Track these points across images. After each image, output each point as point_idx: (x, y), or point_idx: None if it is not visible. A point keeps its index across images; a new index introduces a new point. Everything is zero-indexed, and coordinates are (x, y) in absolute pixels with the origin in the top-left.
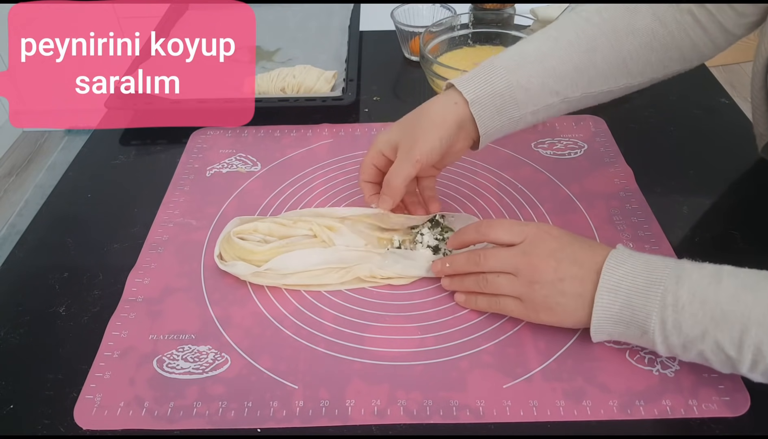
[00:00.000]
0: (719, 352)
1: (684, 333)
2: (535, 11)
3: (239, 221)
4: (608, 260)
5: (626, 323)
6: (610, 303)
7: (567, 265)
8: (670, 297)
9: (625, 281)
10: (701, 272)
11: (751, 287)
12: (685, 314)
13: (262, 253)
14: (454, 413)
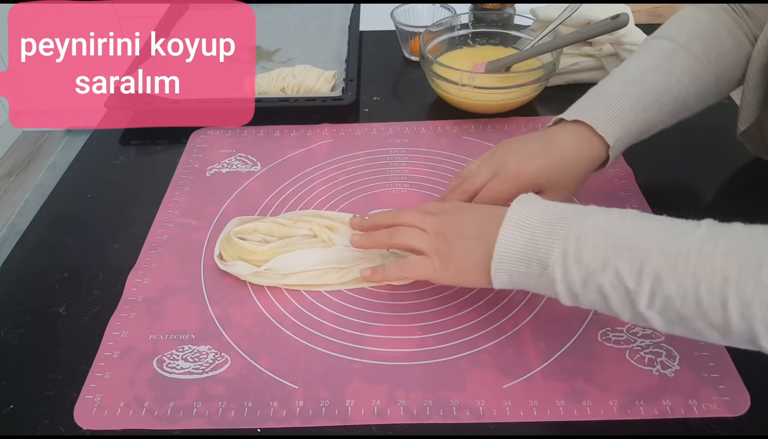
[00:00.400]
0: (618, 284)
1: (584, 265)
2: (535, 11)
3: (239, 221)
4: (517, 199)
5: (527, 260)
6: (514, 237)
7: (469, 213)
8: (574, 229)
9: (531, 217)
10: (606, 212)
11: (654, 221)
12: (587, 244)
13: (261, 253)
14: (454, 413)
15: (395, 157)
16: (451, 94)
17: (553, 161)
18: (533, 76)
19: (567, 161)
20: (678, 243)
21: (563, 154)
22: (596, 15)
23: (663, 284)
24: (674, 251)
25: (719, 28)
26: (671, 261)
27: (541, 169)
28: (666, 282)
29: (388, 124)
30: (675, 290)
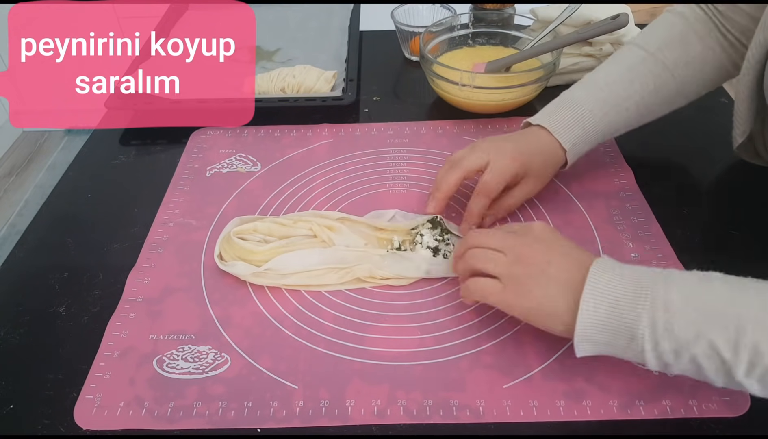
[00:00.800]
0: (714, 355)
1: (676, 336)
2: (535, 11)
3: (239, 221)
4: (594, 264)
5: (613, 331)
6: (596, 307)
7: (557, 253)
8: (660, 300)
9: (611, 285)
10: (691, 275)
11: (743, 288)
12: (677, 315)
13: (261, 253)
14: (454, 413)
15: (395, 157)
16: (451, 94)
17: (531, 155)
18: (533, 76)
19: (540, 156)
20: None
21: (535, 150)
22: (596, 15)
23: (763, 355)
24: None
25: (689, 35)
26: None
27: (527, 158)
28: (766, 354)
29: (388, 124)
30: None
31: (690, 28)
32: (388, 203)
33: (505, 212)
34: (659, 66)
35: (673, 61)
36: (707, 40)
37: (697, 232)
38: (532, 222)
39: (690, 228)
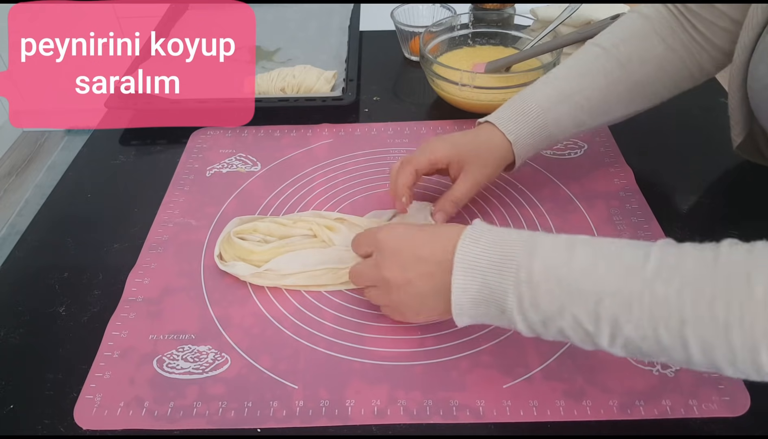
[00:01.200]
0: (578, 327)
1: (542, 309)
2: (535, 11)
3: (239, 221)
4: (462, 239)
5: (486, 303)
6: (468, 283)
7: (412, 265)
8: (524, 272)
9: (480, 259)
10: (554, 244)
11: (605, 256)
12: (540, 289)
13: (261, 253)
14: (454, 413)
15: (395, 157)
16: (451, 94)
17: (469, 144)
18: (533, 76)
19: (479, 147)
20: (630, 282)
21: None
22: (596, 15)
23: (621, 326)
24: (627, 292)
25: (649, 34)
26: (626, 303)
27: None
28: (624, 325)
29: (388, 124)
30: (634, 331)
31: (651, 27)
32: (388, 203)
33: (452, 206)
34: (612, 62)
35: (627, 58)
36: (669, 41)
37: (697, 232)
38: (377, 231)
39: (690, 228)
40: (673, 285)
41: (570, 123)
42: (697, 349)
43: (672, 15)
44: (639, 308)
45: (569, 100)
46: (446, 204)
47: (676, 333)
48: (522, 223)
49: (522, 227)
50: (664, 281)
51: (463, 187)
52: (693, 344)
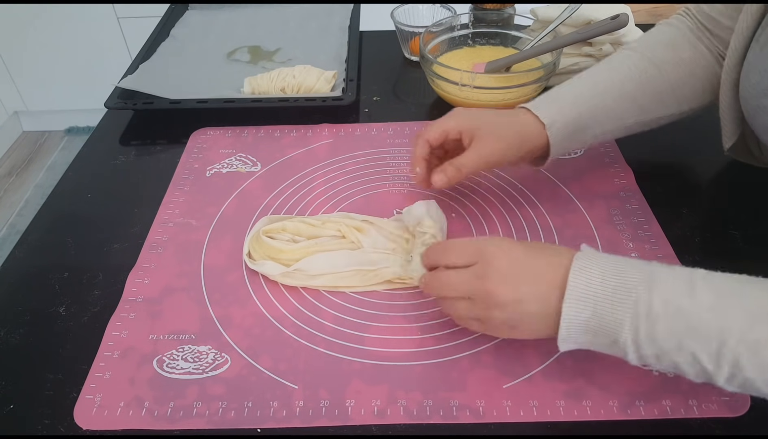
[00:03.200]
0: (695, 363)
1: (658, 344)
2: (535, 11)
3: (268, 220)
4: (574, 265)
5: (594, 332)
6: (579, 311)
7: (525, 284)
8: (643, 306)
9: (592, 288)
10: (674, 278)
11: (728, 295)
12: (659, 324)
13: (291, 252)
14: (454, 413)
15: (395, 157)
16: (451, 94)
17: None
18: (533, 76)
19: (501, 121)
20: (758, 327)
21: (500, 117)
22: (596, 15)
23: (743, 369)
24: (754, 338)
25: (678, 39)
26: (752, 349)
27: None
28: (747, 368)
29: (388, 124)
30: (757, 374)
31: (680, 33)
32: (388, 203)
33: (453, 171)
34: (645, 62)
35: (661, 60)
36: (698, 46)
37: (697, 232)
38: (485, 244)
39: (690, 228)
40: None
41: (604, 116)
42: None
43: (695, 24)
44: (765, 353)
45: (604, 94)
46: (448, 167)
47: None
48: (522, 223)
49: (522, 227)
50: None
51: (469, 156)
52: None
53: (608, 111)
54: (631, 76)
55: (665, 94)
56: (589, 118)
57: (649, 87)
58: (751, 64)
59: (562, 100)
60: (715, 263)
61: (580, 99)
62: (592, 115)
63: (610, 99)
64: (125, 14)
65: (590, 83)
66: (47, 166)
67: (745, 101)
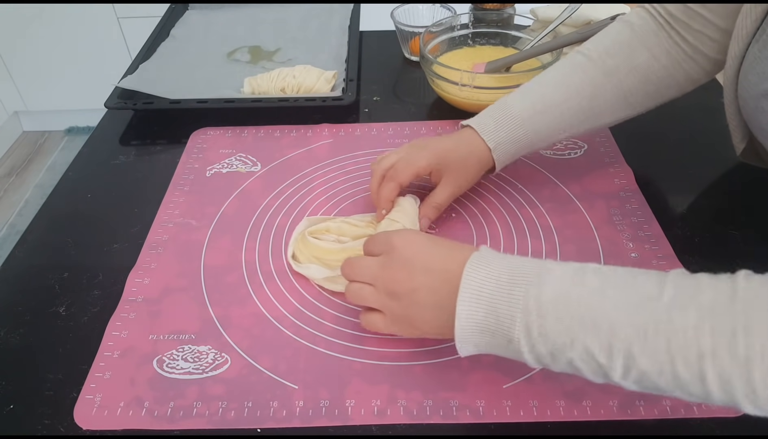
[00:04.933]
0: (589, 359)
1: (551, 340)
2: (535, 11)
3: (309, 222)
4: (468, 263)
5: (492, 332)
6: (473, 311)
7: (420, 274)
8: (533, 302)
9: (487, 286)
10: (564, 271)
11: (617, 284)
12: (550, 318)
13: (338, 252)
14: (454, 413)
15: None
16: (451, 94)
17: (449, 150)
18: (533, 76)
19: (460, 152)
20: (645, 312)
21: (456, 146)
22: (596, 15)
23: (636, 359)
24: (642, 322)
25: (635, 44)
26: (641, 334)
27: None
28: (639, 357)
29: (388, 124)
30: (649, 365)
31: (637, 38)
32: None
33: (434, 211)
34: (598, 72)
35: (614, 67)
36: (655, 51)
37: (697, 232)
38: (394, 235)
39: (690, 228)
40: (691, 317)
41: (550, 132)
42: (716, 385)
43: (658, 24)
44: (655, 340)
45: (551, 112)
46: (429, 210)
47: (695, 367)
48: (522, 223)
49: (522, 227)
50: (681, 313)
51: (445, 193)
52: (712, 381)
53: (555, 126)
54: (581, 88)
55: (617, 103)
56: (534, 135)
57: (599, 98)
58: (750, 64)
59: (507, 119)
60: (715, 264)
61: (526, 118)
62: (538, 133)
63: (558, 114)
64: (125, 14)
65: (538, 97)
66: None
67: (744, 102)
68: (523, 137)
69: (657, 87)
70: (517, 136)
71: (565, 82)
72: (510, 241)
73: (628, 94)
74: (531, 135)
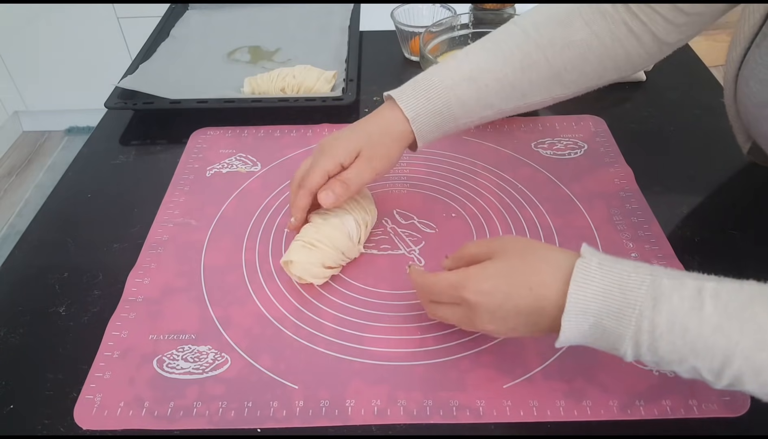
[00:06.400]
0: (695, 374)
1: (659, 356)
2: None
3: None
4: (574, 278)
5: (595, 339)
6: (578, 325)
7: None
8: (647, 323)
9: (594, 304)
10: (681, 295)
11: (737, 315)
12: (663, 341)
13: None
14: (454, 413)
15: None
16: None
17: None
18: None
19: (383, 132)
20: (763, 352)
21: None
22: None
23: (744, 383)
24: (759, 361)
25: (574, 18)
26: (756, 369)
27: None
28: (747, 383)
29: None
30: (757, 389)
31: (576, 10)
32: (387, 203)
33: (342, 187)
34: (531, 45)
35: (548, 42)
36: (595, 27)
37: (697, 232)
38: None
39: (690, 228)
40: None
41: (476, 104)
42: None
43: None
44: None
45: (477, 79)
46: (336, 184)
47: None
48: (522, 223)
49: (522, 227)
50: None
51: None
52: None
53: (479, 99)
54: (512, 63)
55: (549, 80)
56: (459, 108)
57: (530, 73)
58: (750, 71)
59: (430, 87)
60: (715, 263)
61: (449, 85)
62: (462, 104)
63: (483, 87)
64: (125, 14)
65: (465, 67)
66: (47, 166)
67: (744, 108)
68: (445, 108)
69: (594, 67)
70: (439, 106)
71: (494, 52)
72: None
73: (563, 70)
74: (453, 107)
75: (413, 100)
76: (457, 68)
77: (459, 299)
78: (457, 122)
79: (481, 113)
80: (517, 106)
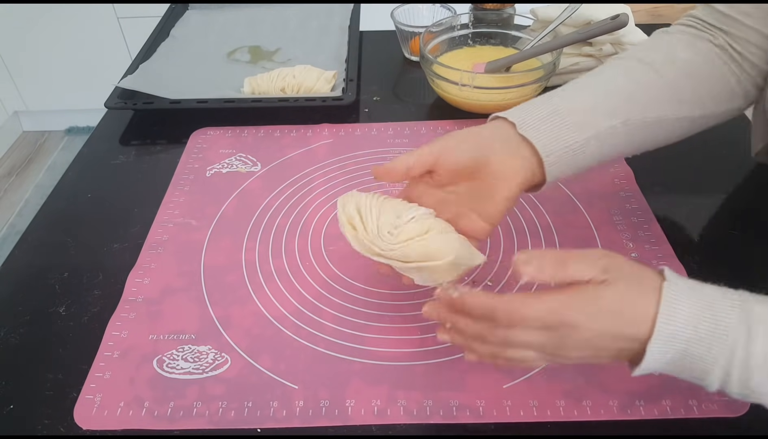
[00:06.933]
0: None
1: (749, 387)
2: (535, 11)
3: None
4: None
5: (680, 368)
6: (663, 353)
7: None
8: (740, 352)
9: (683, 333)
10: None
11: None
12: (755, 374)
13: None
14: (454, 413)
15: (395, 157)
16: (451, 94)
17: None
18: (533, 76)
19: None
20: None
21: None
22: (596, 15)
23: None
24: None
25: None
26: None
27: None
28: None
29: (388, 124)
30: None
31: (675, 39)
32: None
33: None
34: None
35: (660, 62)
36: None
37: (697, 232)
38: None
39: (690, 228)
40: None
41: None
42: None
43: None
44: None
45: (603, 113)
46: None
47: None
48: (522, 223)
49: (522, 227)
50: None
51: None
52: None
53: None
54: (630, 80)
55: (667, 97)
56: (592, 144)
57: (651, 92)
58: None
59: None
60: (715, 264)
61: (579, 122)
62: (595, 137)
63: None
64: (125, 14)
65: (588, 101)
66: (47, 166)
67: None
68: (578, 147)
69: (710, 83)
70: (570, 143)
71: (610, 74)
72: (510, 241)
73: (677, 89)
74: (587, 145)
75: (543, 137)
76: (584, 106)
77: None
78: (588, 162)
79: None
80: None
